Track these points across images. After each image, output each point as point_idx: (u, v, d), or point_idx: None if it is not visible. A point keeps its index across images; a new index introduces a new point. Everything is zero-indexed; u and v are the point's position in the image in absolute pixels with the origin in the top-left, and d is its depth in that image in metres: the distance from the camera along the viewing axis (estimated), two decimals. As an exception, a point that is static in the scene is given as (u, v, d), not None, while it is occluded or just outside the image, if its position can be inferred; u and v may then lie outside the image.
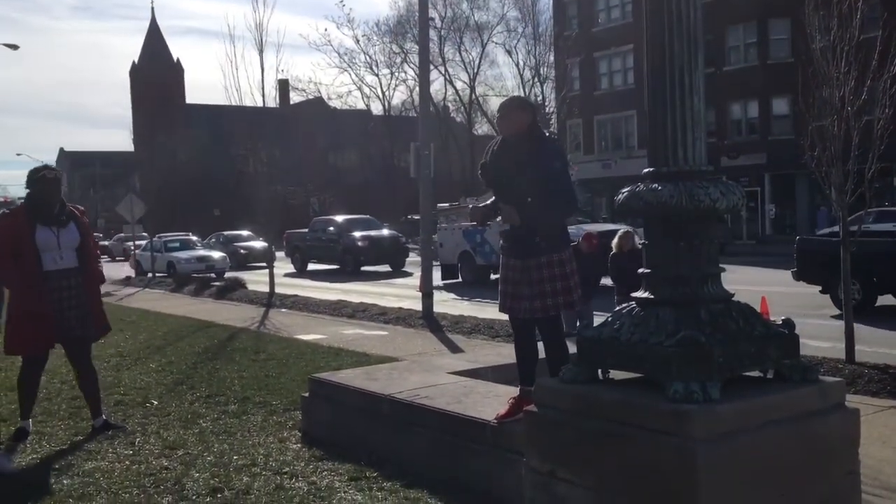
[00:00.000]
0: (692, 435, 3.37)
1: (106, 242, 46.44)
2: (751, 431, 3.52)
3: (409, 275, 24.58)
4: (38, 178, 6.16)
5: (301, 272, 28.63)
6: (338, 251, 27.63)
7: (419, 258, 16.32)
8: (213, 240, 35.59)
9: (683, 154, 3.80)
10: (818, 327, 10.37)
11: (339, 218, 30.20)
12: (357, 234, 27.47)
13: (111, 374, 8.73)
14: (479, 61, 56.42)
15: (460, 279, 21.87)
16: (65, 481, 5.19)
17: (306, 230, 30.02)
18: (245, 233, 34.72)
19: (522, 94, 39.96)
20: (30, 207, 6.17)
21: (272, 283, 17.92)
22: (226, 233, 36.17)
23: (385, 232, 28.95)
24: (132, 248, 30.58)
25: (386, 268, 27.43)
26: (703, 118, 3.87)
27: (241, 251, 33.16)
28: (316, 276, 27.02)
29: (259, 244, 33.14)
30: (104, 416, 6.43)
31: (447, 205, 23.91)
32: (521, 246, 4.85)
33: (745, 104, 36.75)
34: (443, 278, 20.53)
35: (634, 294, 4.02)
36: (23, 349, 6.13)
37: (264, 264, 31.96)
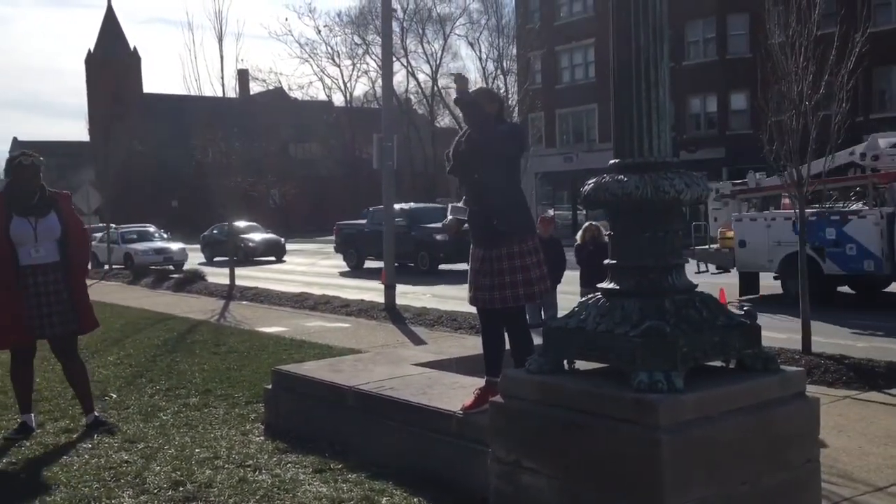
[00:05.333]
0: (656, 424, 3.40)
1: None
2: (714, 420, 3.57)
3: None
4: (15, 165, 5.87)
5: (357, 269, 24.70)
6: (409, 246, 22.42)
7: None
8: (216, 231, 31.61)
9: (649, 145, 3.83)
10: (775, 319, 10.56)
11: (408, 206, 25.39)
12: (432, 225, 21.79)
13: (68, 367, 8.57)
14: (442, 53, 56.46)
15: (757, 292, 14.82)
16: (22, 476, 5.09)
17: (362, 221, 26.04)
18: (249, 224, 32.19)
19: (486, 86, 40.01)
20: (7, 197, 5.89)
21: (232, 275, 17.73)
22: (229, 224, 34.05)
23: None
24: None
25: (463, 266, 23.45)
26: (669, 110, 3.90)
27: (250, 244, 30.55)
28: (375, 273, 20.34)
29: (267, 236, 31.58)
30: (96, 414, 6.19)
31: (748, 181, 16.83)
32: (482, 233, 4.87)
33: (704, 99, 37.22)
34: (741, 292, 14.54)
35: (600, 285, 4.04)
36: (5, 343, 5.96)
37: (273, 258, 30.68)
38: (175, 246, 29.24)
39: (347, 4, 76.86)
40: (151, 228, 31.55)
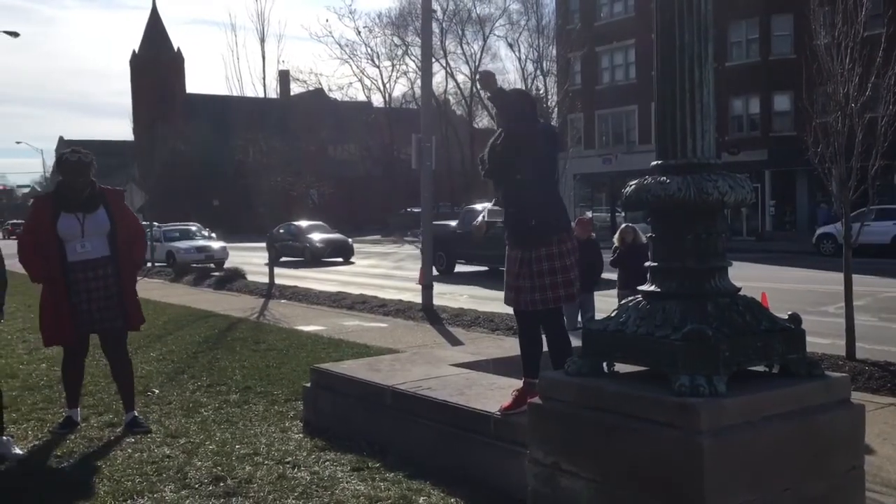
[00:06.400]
0: (698, 428, 3.37)
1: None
2: (756, 425, 3.52)
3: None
4: (62, 161, 5.94)
5: (447, 273, 21.79)
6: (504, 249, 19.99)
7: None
8: (282, 231, 30.46)
9: (692, 146, 3.80)
10: (817, 323, 10.37)
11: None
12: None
13: (112, 362, 8.72)
14: (481, 54, 56.45)
15: None
16: (67, 469, 5.19)
17: (453, 222, 23.67)
18: (313, 223, 31.90)
19: (523, 87, 39.90)
20: (56, 194, 5.96)
21: (272, 274, 17.90)
22: (296, 223, 31.50)
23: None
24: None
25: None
26: (713, 111, 3.86)
27: (317, 244, 29.68)
28: (468, 279, 20.49)
29: (333, 236, 30.67)
30: (136, 413, 6.20)
31: None
32: (519, 234, 4.86)
33: (747, 100, 36.72)
34: None
35: (641, 287, 4.01)
36: (53, 340, 6.00)
37: (340, 259, 29.56)
38: (216, 244, 29.55)
39: (387, 6, 77.76)
40: (193, 227, 31.90)
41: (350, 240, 31.37)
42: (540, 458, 4.06)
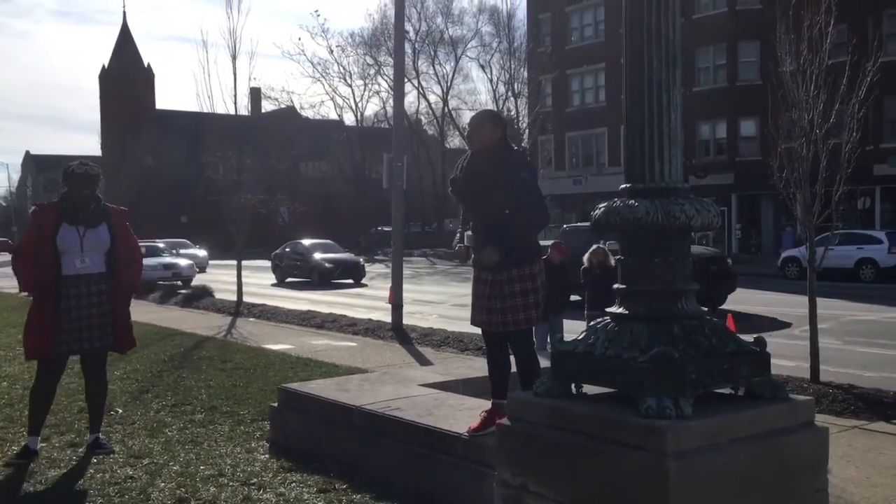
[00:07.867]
0: (665, 450, 3.38)
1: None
2: (722, 448, 3.54)
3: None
4: (68, 173, 5.80)
5: None
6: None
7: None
8: (288, 250, 29.78)
9: (660, 170, 3.84)
10: (783, 346, 10.50)
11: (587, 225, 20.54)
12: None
13: (74, 380, 8.56)
14: (453, 75, 56.90)
15: None
16: (27, 490, 5.09)
17: None
18: (320, 242, 30.67)
19: (494, 109, 40.23)
20: (61, 205, 5.82)
21: (240, 291, 17.75)
22: (303, 242, 30.20)
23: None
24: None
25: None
26: (680, 136, 3.91)
27: (326, 265, 27.90)
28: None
29: (343, 256, 29.26)
30: (99, 435, 6.01)
31: None
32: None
33: (714, 125, 37.31)
34: None
35: (609, 309, 4.03)
36: (36, 352, 5.74)
37: (351, 280, 27.54)
38: (183, 262, 29.25)
39: (360, 25, 77.87)
40: (161, 244, 31.56)
41: (361, 259, 29.84)
42: (508, 479, 4.05)
